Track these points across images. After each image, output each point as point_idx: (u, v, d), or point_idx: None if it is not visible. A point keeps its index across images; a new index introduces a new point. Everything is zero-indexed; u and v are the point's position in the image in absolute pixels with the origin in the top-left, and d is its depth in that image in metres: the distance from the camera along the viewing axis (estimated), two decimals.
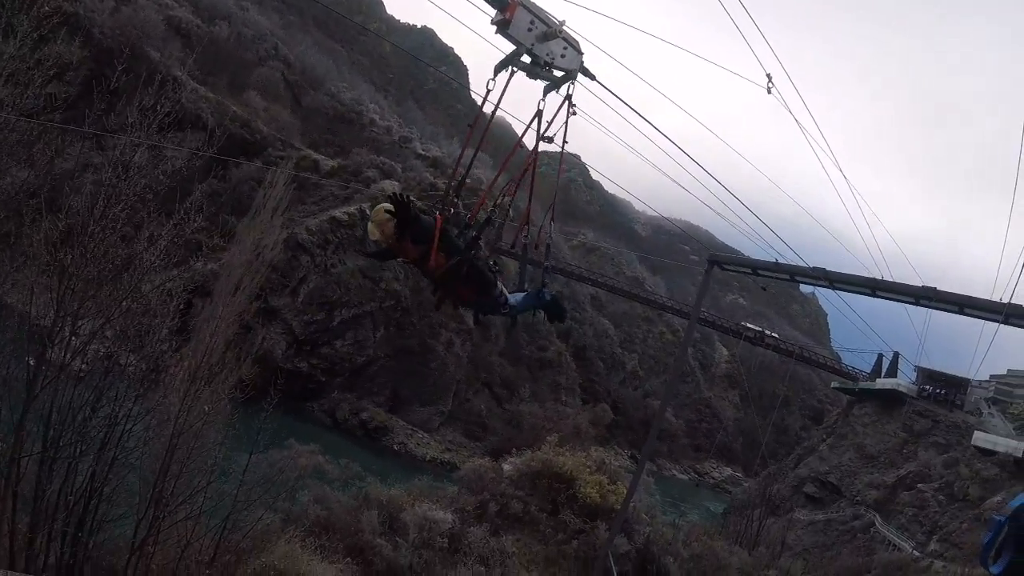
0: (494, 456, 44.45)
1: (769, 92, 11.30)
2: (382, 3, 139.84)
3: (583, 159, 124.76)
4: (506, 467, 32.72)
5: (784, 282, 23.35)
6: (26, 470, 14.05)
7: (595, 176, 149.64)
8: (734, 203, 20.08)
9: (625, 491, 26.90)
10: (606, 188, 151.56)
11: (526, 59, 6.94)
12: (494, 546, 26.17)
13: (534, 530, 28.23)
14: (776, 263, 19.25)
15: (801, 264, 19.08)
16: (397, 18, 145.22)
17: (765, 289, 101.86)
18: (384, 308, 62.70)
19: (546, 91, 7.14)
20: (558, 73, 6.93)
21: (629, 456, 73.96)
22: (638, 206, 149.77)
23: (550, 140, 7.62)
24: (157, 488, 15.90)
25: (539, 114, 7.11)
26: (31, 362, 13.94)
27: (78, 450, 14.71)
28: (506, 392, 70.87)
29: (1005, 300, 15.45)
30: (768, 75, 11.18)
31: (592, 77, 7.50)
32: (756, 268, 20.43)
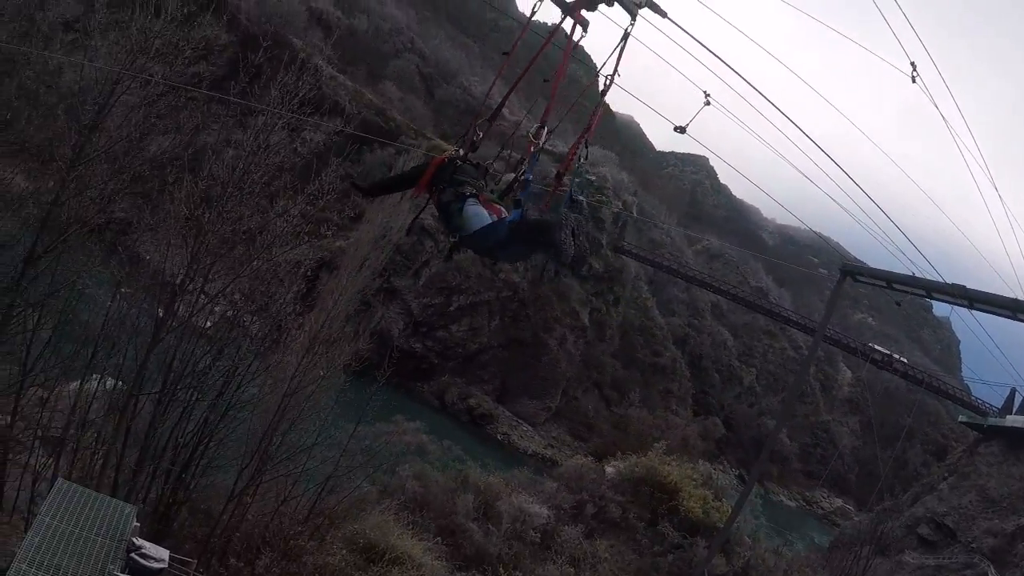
0: (596, 457, 44.16)
1: (913, 81, 10.96)
2: (514, 2, 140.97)
3: (711, 161, 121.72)
4: (609, 470, 32.36)
5: (917, 303, 22.37)
6: (142, 408, 15.11)
7: (723, 179, 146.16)
8: (870, 210, 19.34)
9: (730, 510, 26.27)
10: (734, 192, 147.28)
11: None
12: (587, 548, 25.96)
13: (630, 538, 27.81)
14: (912, 276, 18.49)
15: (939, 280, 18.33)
16: (527, 15, 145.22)
17: (899, 304, 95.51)
18: (501, 298, 63.28)
19: None
20: None
21: (736, 475, 72.10)
22: (766, 213, 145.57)
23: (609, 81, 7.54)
24: (264, 442, 16.77)
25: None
26: (160, 310, 14.94)
27: (194, 396, 15.69)
28: (616, 394, 69.62)
29: None
30: (912, 63, 10.87)
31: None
32: (891, 281, 19.59)
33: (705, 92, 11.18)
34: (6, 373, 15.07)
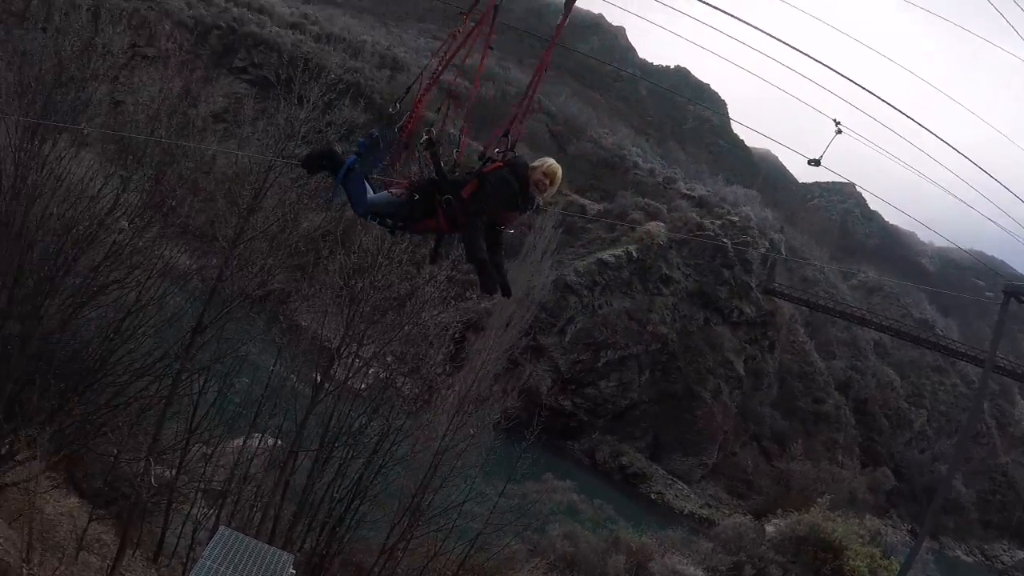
0: (756, 516, 42.39)
1: None
2: (634, 49, 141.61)
3: (858, 187, 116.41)
4: (769, 528, 31.18)
5: None
6: (300, 465, 16.08)
7: (873, 206, 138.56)
8: None
9: (898, 568, 24.85)
10: (886, 218, 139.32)
11: None
12: None
13: None
14: None
15: None
16: (650, 61, 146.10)
17: None
18: (650, 351, 62.11)
19: None
20: None
21: (908, 530, 67.27)
22: (923, 236, 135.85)
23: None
24: (416, 499, 17.30)
25: None
26: (317, 376, 15.96)
27: (349, 454, 16.54)
28: (776, 447, 66.19)
29: None
30: None
31: None
32: None
33: (835, 120, 10.91)
34: (174, 432, 16.32)
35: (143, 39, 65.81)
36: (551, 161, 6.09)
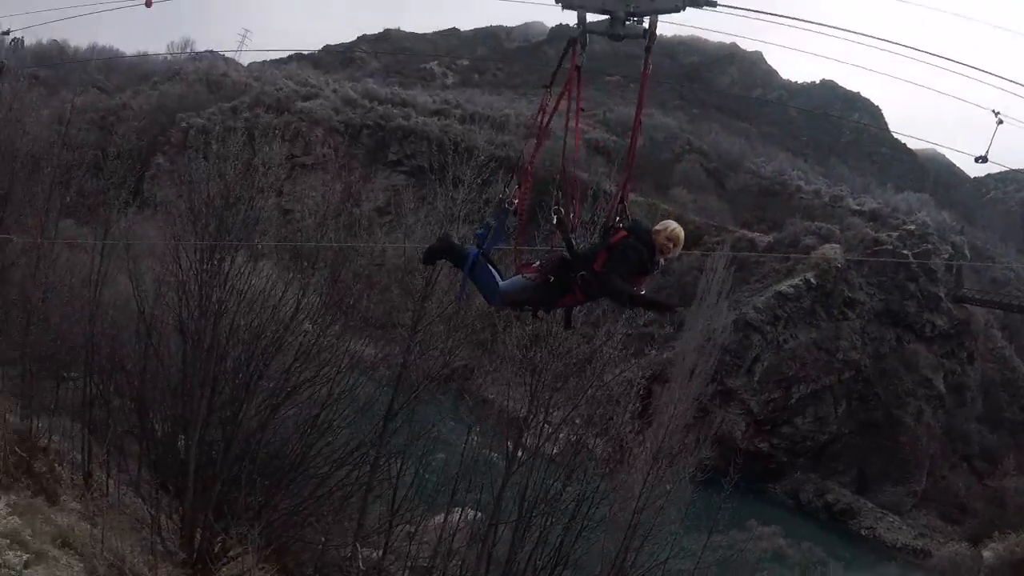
0: (972, 542, 39.10)
1: None
2: (775, 71, 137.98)
3: None
4: (986, 554, 29.00)
5: None
6: (501, 536, 16.22)
7: None
8: None
9: None
10: None
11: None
12: None
13: None
14: None
15: None
16: (794, 80, 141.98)
17: None
18: (843, 380, 59.33)
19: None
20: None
21: None
22: None
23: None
24: (618, 559, 17.06)
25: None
26: (509, 445, 16.20)
27: (548, 521, 16.58)
28: (987, 465, 61.04)
29: None
30: None
31: None
32: None
33: (995, 111, 10.13)
34: (376, 515, 16.89)
35: (299, 149, 70.97)
36: (674, 225, 6.16)
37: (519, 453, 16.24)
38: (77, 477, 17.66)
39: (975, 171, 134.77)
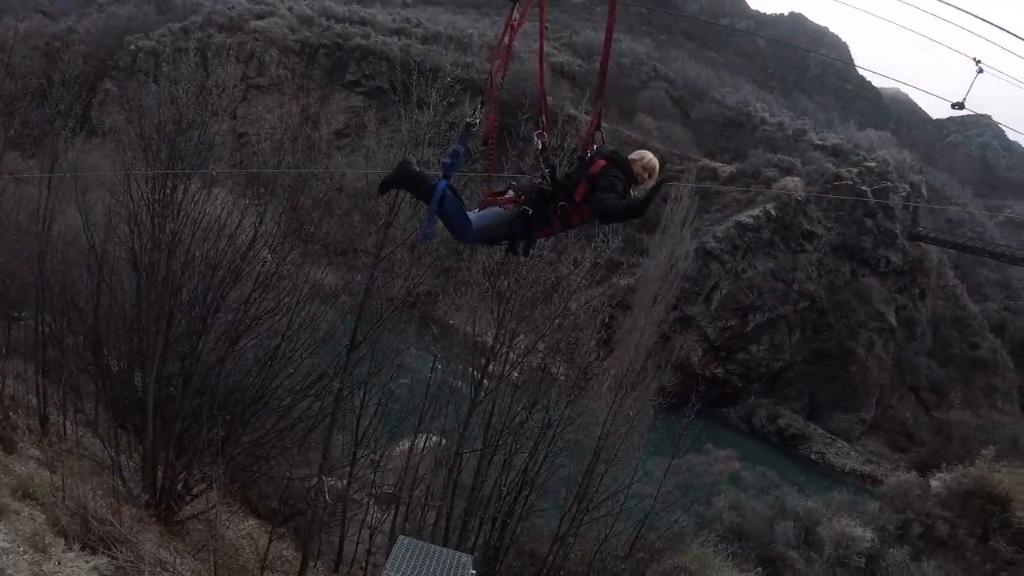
0: (919, 470, 40.72)
1: None
2: (744, 1, 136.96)
3: (994, 118, 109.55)
4: (934, 483, 30.14)
5: None
6: (466, 464, 16.31)
7: (1013, 136, 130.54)
8: None
9: None
10: None
11: None
12: (913, 571, 24.14)
13: (959, 556, 25.58)
14: None
15: None
16: (763, 11, 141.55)
17: None
18: (798, 310, 60.67)
19: None
20: None
21: None
22: None
23: None
24: (583, 485, 17.32)
25: None
26: (476, 373, 16.11)
27: (513, 448, 16.67)
28: (934, 398, 63.81)
29: None
30: None
31: None
32: None
33: (976, 59, 9.95)
34: (341, 444, 16.80)
35: (253, 70, 68.77)
36: (650, 155, 6.10)
37: (485, 381, 16.16)
38: (33, 422, 17.14)
39: (937, 113, 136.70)
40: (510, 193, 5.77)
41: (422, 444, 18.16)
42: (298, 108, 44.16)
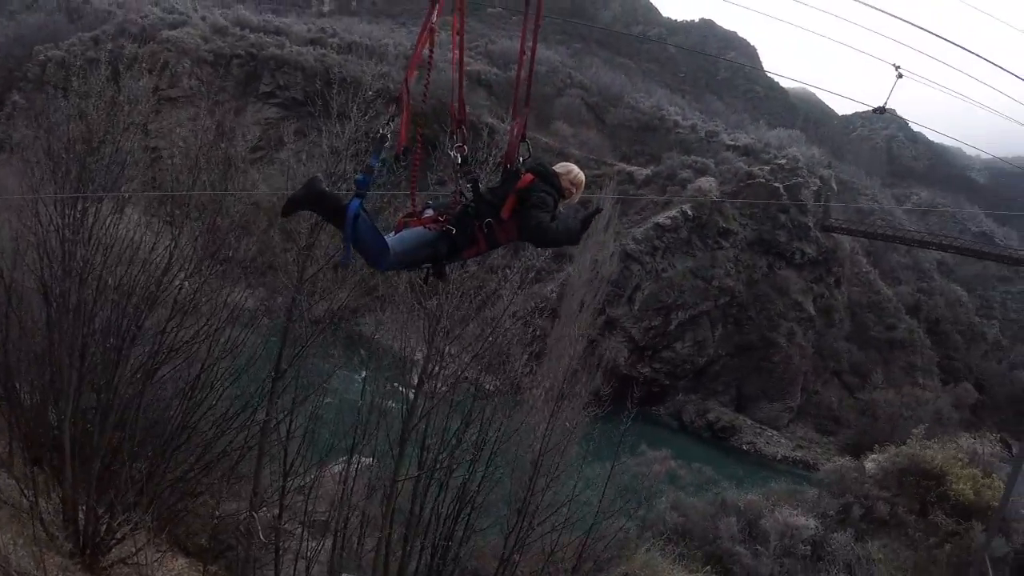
0: (849, 451, 41.85)
1: None
2: (656, 8, 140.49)
3: (899, 112, 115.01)
4: (869, 465, 30.91)
5: None
6: (402, 487, 15.86)
7: (916, 128, 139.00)
8: None
9: (1001, 484, 24.32)
10: (931, 138, 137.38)
11: None
12: (859, 552, 24.68)
13: (901, 533, 26.32)
14: None
15: None
16: (674, 18, 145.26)
17: None
18: (719, 306, 62.04)
19: None
20: None
21: (998, 440, 65.91)
22: (970, 151, 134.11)
23: None
24: (525, 501, 17.06)
25: None
26: (409, 393, 15.71)
27: (450, 468, 16.33)
28: (857, 380, 66.25)
29: None
30: None
31: None
32: None
33: (895, 65, 10.23)
34: (270, 474, 16.14)
35: (165, 81, 66.67)
36: (576, 169, 5.82)
37: (418, 400, 15.80)
38: None
39: (843, 109, 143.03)
40: (429, 212, 5.30)
41: (355, 469, 17.61)
42: (212, 122, 42.93)
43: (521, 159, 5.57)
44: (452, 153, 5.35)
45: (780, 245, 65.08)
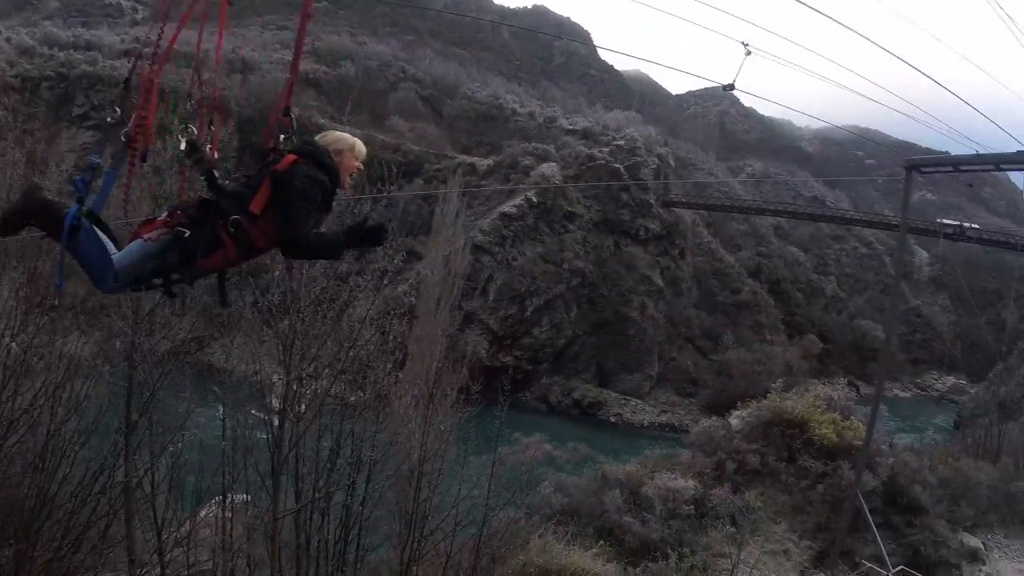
0: (711, 409, 43.83)
1: None
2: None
3: (740, 88, 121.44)
4: (734, 422, 32.24)
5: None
6: (283, 522, 15.19)
7: (747, 103, 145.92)
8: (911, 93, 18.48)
9: (858, 425, 26.16)
10: (762, 112, 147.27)
11: None
12: (739, 504, 25.81)
13: (775, 481, 27.67)
14: (977, 155, 17.70)
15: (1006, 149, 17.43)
16: (507, 5, 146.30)
17: (971, 186, 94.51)
18: (572, 287, 63.66)
19: None
20: None
21: (847, 384, 71.02)
22: (799, 122, 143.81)
23: None
24: (412, 512, 16.75)
25: None
26: (272, 420, 14.98)
27: (330, 494, 15.75)
28: (709, 343, 69.81)
29: None
30: None
31: None
32: (957, 165, 18.90)
33: (744, 43, 10.64)
34: (142, 533, 15.19)
35: None
36: (353, 140, 4.66)
37: (283, 428, 15.19)
38: None
39: (676, 89, 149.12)
40: (163, 217, 4.31)
41: (230, 510, 16.72)
42: (22, 154, 39.66)
43: (283, 137, 4.46)
44: (179, 137, 4.34)
45: (625, 223, 67.42)
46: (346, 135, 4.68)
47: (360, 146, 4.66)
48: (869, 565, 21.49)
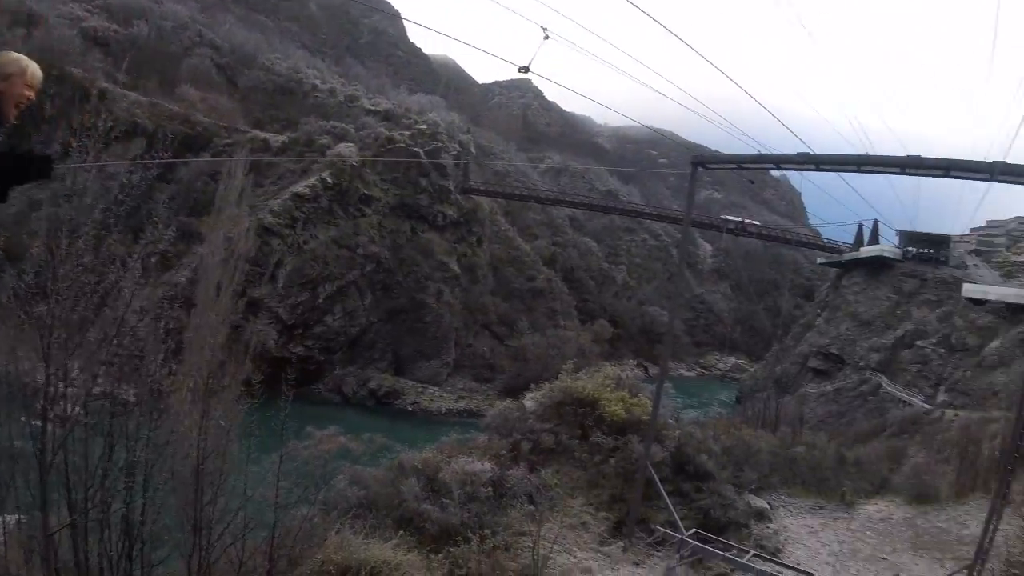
0: (508, 394, 44.63)
1: None
2: None
3: (535, 82, 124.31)
4: (528, 403, 32.81)
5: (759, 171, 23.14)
6: (59, 540, 13.69)
7: (551, 97, 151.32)
8: (705, 97, 19.56)
9: (646, 401, 27.46)
10: (564, 107, 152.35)
11: None
12: (536, 482, 26.40)
13: (570, 458, 28.49)
14: (760, 155, 18.96)
15: (790, 150, 18.76)
16: None
17: (753, 182, 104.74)
18: (366, 274, 62.39)
19: None
20: None
21: (636, 364, 75.03)
22: (599, 119, 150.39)
23: None
24: (195, 516, 15.63)
25: None
26: (35, 424, 13.47)
27: (106, 503, 14.34)
28: (505, 329, 71.36)
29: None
30: None
31: None
32: (740, 163, 20.10)
33: (543, 27, 10.66)
34: None
35: None
36: (28, 62, 3.88)
37: (46, 431, 13.62)
38: None
39: (483, 78, 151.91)
40: None
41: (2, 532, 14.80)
42: None
43: None
44: None
45: (422, 209, 67.22)
46: (21, 56, 3.87)
47: (35, 70, 3.86)
48: (664, 530, 22.55)
